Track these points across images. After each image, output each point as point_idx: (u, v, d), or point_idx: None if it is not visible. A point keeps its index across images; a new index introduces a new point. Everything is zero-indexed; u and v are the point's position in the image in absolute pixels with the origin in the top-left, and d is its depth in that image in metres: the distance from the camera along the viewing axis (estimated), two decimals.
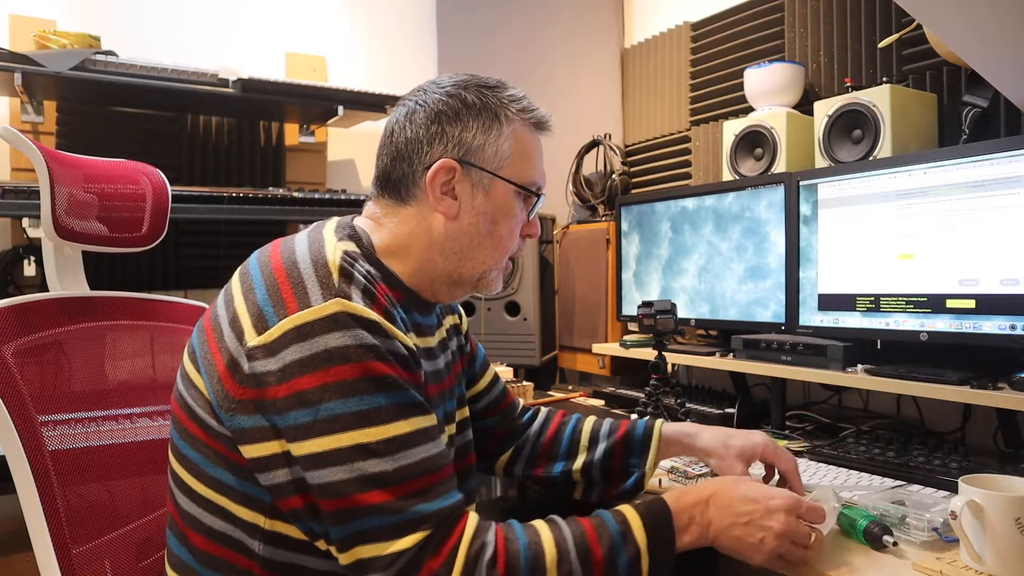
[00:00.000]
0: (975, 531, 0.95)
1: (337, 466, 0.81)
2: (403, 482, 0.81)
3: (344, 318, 0.83)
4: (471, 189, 0.99)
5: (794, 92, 2.00)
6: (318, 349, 0.81)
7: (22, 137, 1.17)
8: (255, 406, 0.84)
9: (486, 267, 1.03)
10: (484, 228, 1.01)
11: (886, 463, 1.38)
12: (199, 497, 0.91)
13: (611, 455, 1.20)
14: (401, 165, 1.00)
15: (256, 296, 0.87)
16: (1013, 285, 1.33)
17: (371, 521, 0.80)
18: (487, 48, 2.59)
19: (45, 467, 1.02)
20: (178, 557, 0.95)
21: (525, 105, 1.03)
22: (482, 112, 0.99)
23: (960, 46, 1.35)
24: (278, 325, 0.83)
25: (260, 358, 0.83)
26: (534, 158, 1.04)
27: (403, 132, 1.00)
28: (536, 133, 1.05)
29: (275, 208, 2.08)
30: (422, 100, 1.00)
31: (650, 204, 2.13)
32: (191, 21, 2.31)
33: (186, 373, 0.94)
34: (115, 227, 1.26)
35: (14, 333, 1.05)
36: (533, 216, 1.07)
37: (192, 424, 0.91)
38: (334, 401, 0.81)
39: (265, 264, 0.91)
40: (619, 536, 0.87)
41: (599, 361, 2.36)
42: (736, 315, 1.87)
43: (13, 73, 1.79)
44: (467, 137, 0.98)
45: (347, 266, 0.88)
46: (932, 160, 1.45)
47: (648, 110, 2.69)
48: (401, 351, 0.87)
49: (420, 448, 0.83)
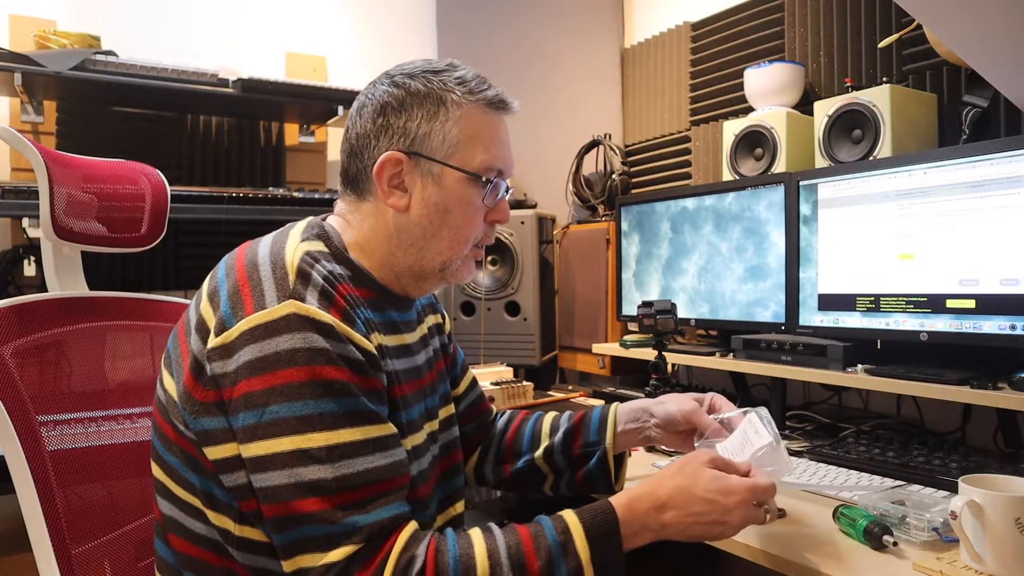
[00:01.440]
0: (975, 531, 0.95)
1: (277, 470, 0.79)
2: (341, 491, 0.79)
3: (296, 320, 0.82)
4: (420, 180, 0.96)
5: (794, 92, 2.00)
6: (268, 352, 0.81)
7: (21, 138, 1.17)
8: (216, 407, 0.84)
9: (445, 257, 1.00)
10: (437, 219, 0.97)
11: (886, 463, 1.38)
12: (178, 500, 0.91)
13: (571, 438, 1.18)
14: (355, 161, 0.98)
15: (219, 298, 0.87)
16: (1013, 285, 1.33)
17: (307, 530, 0.79)
18: (487, 48, 2.59)
19: (44, 467, 1.02)
20: (163, 560, 0.95)
21: (473, 86, 0.98)
22: (426, 99, 0.95)
23: (960, 46, 1.35)
24: (235, 327, 0.83)
25: (218, 359, 0.83)
26: (488, 141, 0.98)
27: (354, 127, 0.98)
28: (492, 114, 0.99)
29: (275, 208, 2.08)
30: (371, 93, 0.98)
31: (650, 204, 2.13)
32: (191, 21, 2.31)
33: (162, 377, 0.94)
34: (114, 227, 1.26)
35: (13, 333, 1.05)
36: (500, 201, 1.02)
37: (168, 427, 0.90)
38: (279, 404, 0.80)
39: (231, 267, 0.90)
40: (558, 548, 0.82)
41: (599, 361, 2.36)
42: (736, 315, 1.87)
43: (13, 73, 1.79)
44: (411, 127, 0.95)
45: (306, 267, 0.87)
46: (932, 160, 1.45)
47: (648, 110, 2.69)
48: (355, 356, 0.85)
49: (364, 458, 0.81)
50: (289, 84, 2.13)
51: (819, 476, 1.37)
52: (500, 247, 2.39)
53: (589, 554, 0.83)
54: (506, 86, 1.02)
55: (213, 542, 0.89)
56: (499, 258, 2.42)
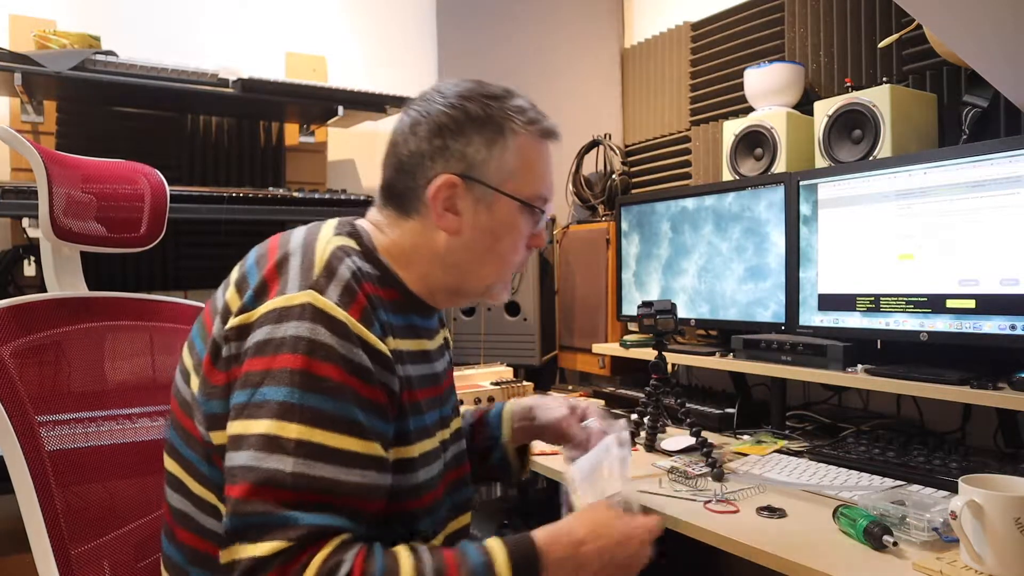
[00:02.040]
0: (975, 531, 0.95)
1: (244, 451, 0.79)
2: (295, 489, 0.77)
3: (310, 310, 0.83)
4: (473, 205, 0.97)
5: (794, 92, 2.00)
6: (276, 335, 0.82)
7: (20, 138, 1.17)
8: (224, 390, 0.85)
9: (490, 281, 1.02)
10: (487, 244, 0.99)
11: (886, 463, 1.38)
12: (193, 495, 0.90)
13: (475, 431, 1.23)
14: (404, 178, 0.97)
15: (247, 284, 0.88)
16: (1013, 285, 1.33)
17: (248, 519, 0.77)
18: (487, 48, 2.59)
19: (43, 468, 1.02)
20: (168, 557, 0.95)
21: (532, 116, 0.99)
22: (486, 125, 0.96)
23: (960, 46, 1.34)
24: (256, 310, 0.84)
25: (234, 340, 0.84)
26: (540, 171, 1.01)
27: (406, 144, 0.97)
28: (543, 143, 1.02)
29: (275, 208, 2.08)
30: (425, 111, 0.97)
31: (650, 204, 2.13)
32: (191, 21, 2.31)
33: (184, 368, 0.94)
34: (113, 227, 1.26)
35: (12, 334, 1.05)
36: (540, 228, 1.04)
37: (187, 420, 0.91)
38: (268, 387, 0.80)
39: (262, 256, 0.92)
40: (482, 569, 0.81)
41: (599, 361, 2.35)
42: (736, 315, 1.87)
43: (13, 73, 1.79)
44: (470, 152, 0.95)
45: (335, 261, 0.88)
46: (932, 160, 1.45)
47: (648, 110, 2.69)
48: (360, 360, 0.84)
49: (330, 467, 0.79)
50: (289, 84, 2.13)
51: (819, 476, 1.37)
52: None
53: None
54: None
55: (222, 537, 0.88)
56: None
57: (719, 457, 1.43)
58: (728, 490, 1.31)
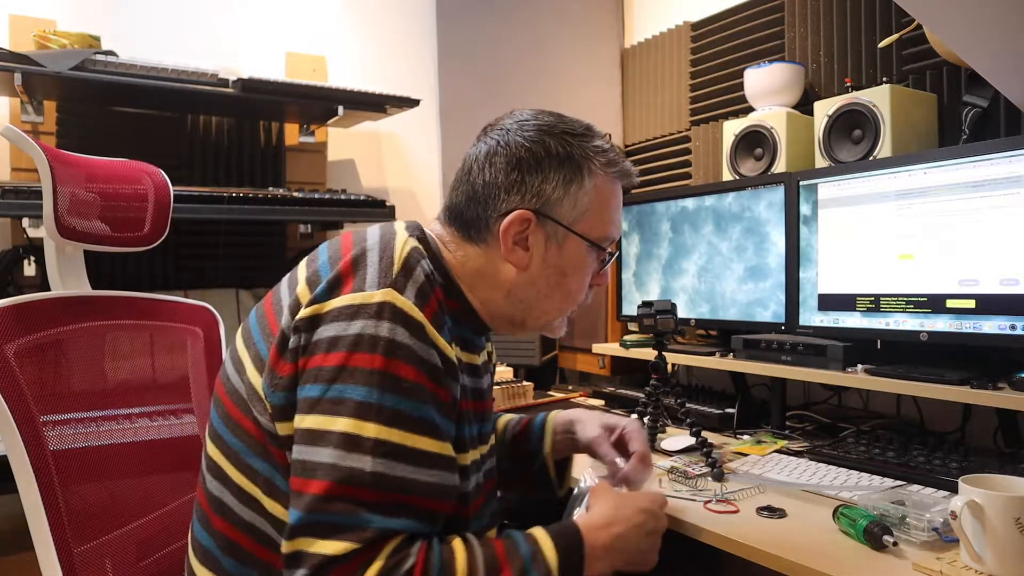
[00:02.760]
0: (975, 531, 0.95)
1: (323, 447, 0.79)
2: (371, 488, 0.79)
3: (389, 309, 0.83)
4: (544, 241, 0.97)
5: (794, 92, 2.01)
6: (352, 332, 0.81)
7: (25, 136, 1.17)
8: (291, 380, 0.84)
9: (551, 317, 1.03)
10: (553, 281, 0.99)
11: (886, 463, 1.38)
12: (233, 485, 0.90)
13: (517, 443, 1.23)
14: (475, 207, 0.97)
15: (320, 279, 0.88)
16: (1013, 285, 1.33)
17: (320, 516, 0.78)
18: (487, 48, 2.59)
19: (47, 466, 1.02)
20: (199, 543, 0.94)
21: (611, 158, 0.99)
22: (565, 163, 0.96)
23: (960, 46, 1.35)
24: (329, 302, 0.84)
25: (304, 331, 0.84)
26: (612, 212, 1.01)
27: (481, 173, 0.97)
28: (618, 185, 1.02)
29: (275, 208, 2.08)
30: (504, 141, 0.97)
31: (650, 204, 2.13)
32: (191, 21, 2.31)
33: (239, 356, 0.93)
34: (117, 226, 1.26)
35: (16, 332, 1.05)
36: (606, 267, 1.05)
37: (237, 411, 0.90)
38: (345, 384, 0.80)
39: (335, 250, 0.91)
40: (529, 557, 0.85)
41: (599, 361, 2.36)
42: (736, 315, 1.87)
43: (13, 73, 1.78)
44: (547, 188, 0.95)
45: (412, 261, 0.88)
46: (932, 160, 1.45)
47: (648, 110, 2.69)
48: (435, 362, 0.85)
49: (406, 466, 0.81)
50: (289, 84, 2.13)
51: (819, 476, 1.37)
52: None
53: (557, 562, 0.86)
54: (506, 86, 1.02)
55: (263, 534, 0.88)
56: None
57: (719, 457, 1.43)
58: (728, 490, 1.31)
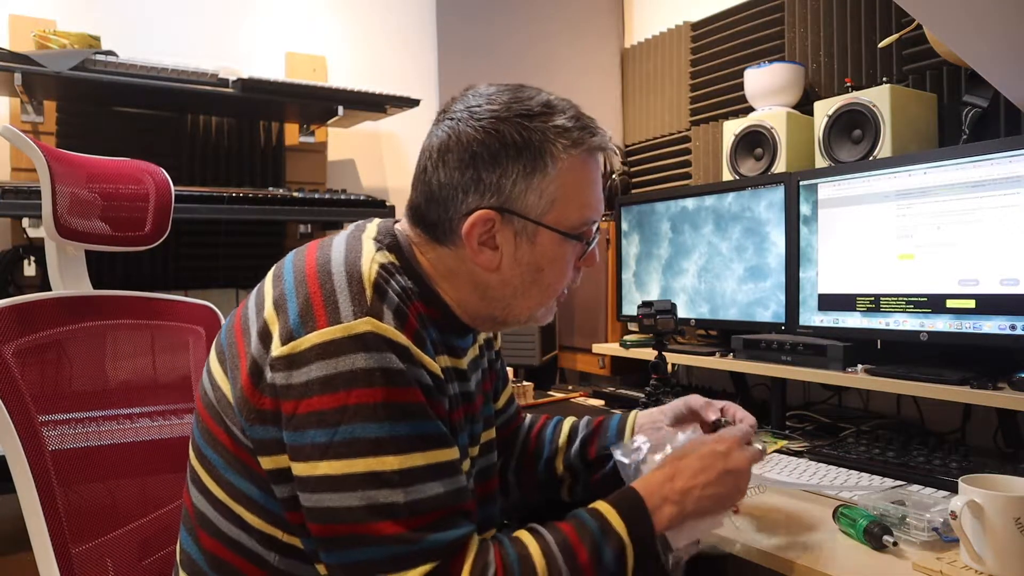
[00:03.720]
0: (975, 531, 0.95)
1: (348, 492, 0.77)
2: (413, 516, 0.78)
3: (374, 339, 0.79)
4: (513, 239, 0.90)
5: (794, 92, 2.00)
6: (343, 369, 0.78)
7: (23, 136, 1.17)
8: (271, 417, 0.81)
9: (533, 311, 0.97)
10: (529, 278, 0.93)
11: (886, 463, 1.38)
12: (215, 499, 0.88)
13: (588, 442, 1.19)
14: (436, 208, 0.91)
15: (287, 304, 0.83)
16: (1013, 285, 1.33)
17: (374, 552, 0.77)
18: (487, 48, 2.59)
19: (45, 467, 1.02)
20: (187, 555, 0.93)
21: (577, 136, 0.90)
22: (523, 152, 0.87)
23: (960, 46, 1.35)
24: (305, 338, 0.79)
25: (282, 369, 0.80)
26: (587, 194, 0.93)
27: (436, 173, 0.90)
28: (590, 160, 0.93)
29: (275, 208, 2.07)
30: (456, 133, 0.89)
31: (650, 204, 2.13)
32: (191, 21, 2.31)
33: (211, 372, 0.90)
34: (118, 226, 1.26)
35: (15, 333, 1.05)
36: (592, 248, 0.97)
37: (214, 425, 0.88)
38: (353, 424, 0.77)
39: (299, 270, 0.86)
40: (599, 532, 0.85)
41: (599, 361, 2.35)
42: (736, 315, 1.87)
43: (13, 73, 1.78)
44: (506, 184, 0.88)
45: (382, 282, 0.83)
46: (932, 160, 1.45)
47: (648, 110, 2.69)
48: (426, 380, 0.83)
49: (434, 483, 0.80)
50: (289, 84, 2.13)
51: (819, 476, 1.37)
52: None
53: (627, 531, 0.86)
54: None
55: (248, 549, 0.87)
56: None
57: None
58: None
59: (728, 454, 0.95)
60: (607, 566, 0.84)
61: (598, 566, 0.84)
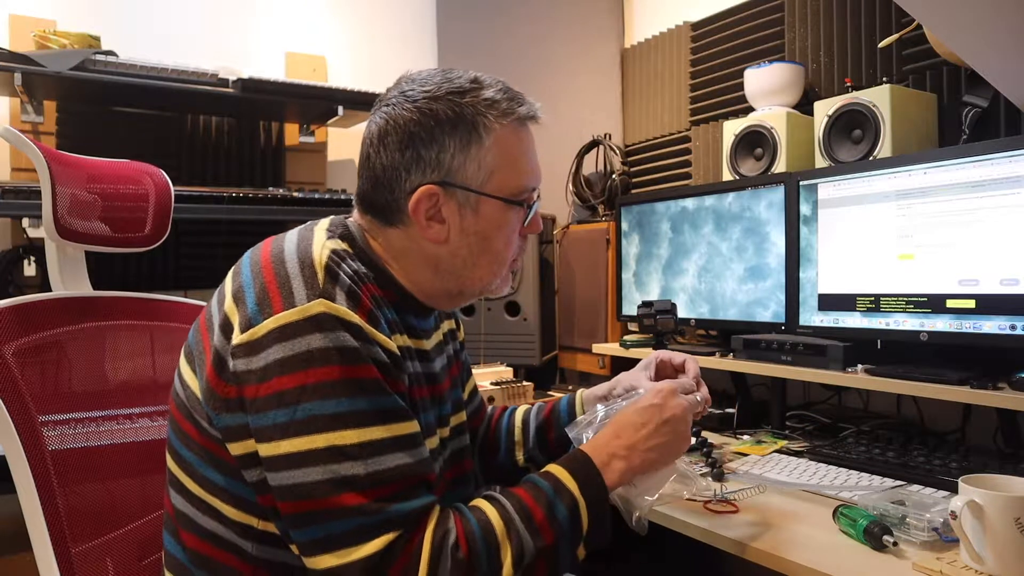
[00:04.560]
0: (975, 531, 0.95)
1: (310, 467, 0.80)
2: (375, 487, 0.80)
3: (327, 319, 0.82)
4: (458, 210, 0.94)
5: (794, 92, 2.00)
6: (300, 350, 0.81)
7: (23, 138, 1.17)
8: (237, 404, 0.84)
9: (487, 281, 1.01)
10: (477, 247, 0.97)
11: (886, 463, 1.38)
12: (193, 497, 0.91)
13: (544, 432, 1.22)
14: (382, 192, 0.95)
15: (245, 294, 0.86)
16: (1013, 285, 1.33)
17: (339, 524, 0.80)
18: (487, 48, 2.59)
19: (45, 467, 1.02)
20: (172, 556, 0.95)
21: (506, 107, 0.95)
22: (458, 126, 0.92)
23: (960, 46, 1.35)
24: (262, 324, 0.83)
25: (242, 356, 0.83)
26: (523, 162, 0.98)
27: (379, 157, 0.95)
28: (522, 130, 0.98)
29: (275, 208, 2.07)
30: (392, 117, 0.94)
31: (650, 204, 2.13)
32: (191, 21, 2.31)
33: (181, 372, 0.93)
34: (118, 227, 1.26)
35: (16, 333, 1.05)
36: (533, 216, 1.02)
37: (186, 423, 0.90)
38: (312, 402, 0.80)
39: (255, 262, 0.90)
40: (552, 492, 0.89)
41: (599, 361, 2.36)
42: (736, 315, 1.87)
43: (13, 73, 1.78)
44: (445, 158, 0.92)
45: (333, 265, 0.87)
46: (932, 160, 1.45)
47: (648, 110, 2.69)
48: (382, 357, 0.85)
49: (394, 455, 0.83)
50: (289, 84, 2.13)
51: (819, 476, 1.37)
52: None
53: (579, 489, 0.90)
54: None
55: (227, 541, 0.89)
56: None
57: (719, 457, 1.43)
58: (728, 490, 1.31)
59: (664, 405, 0.99)
60: (562, 523, 0.88)
61: (553, 523, 0.87)
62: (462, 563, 0.80)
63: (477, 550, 0.82)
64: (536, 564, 0.85)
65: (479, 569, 0.82)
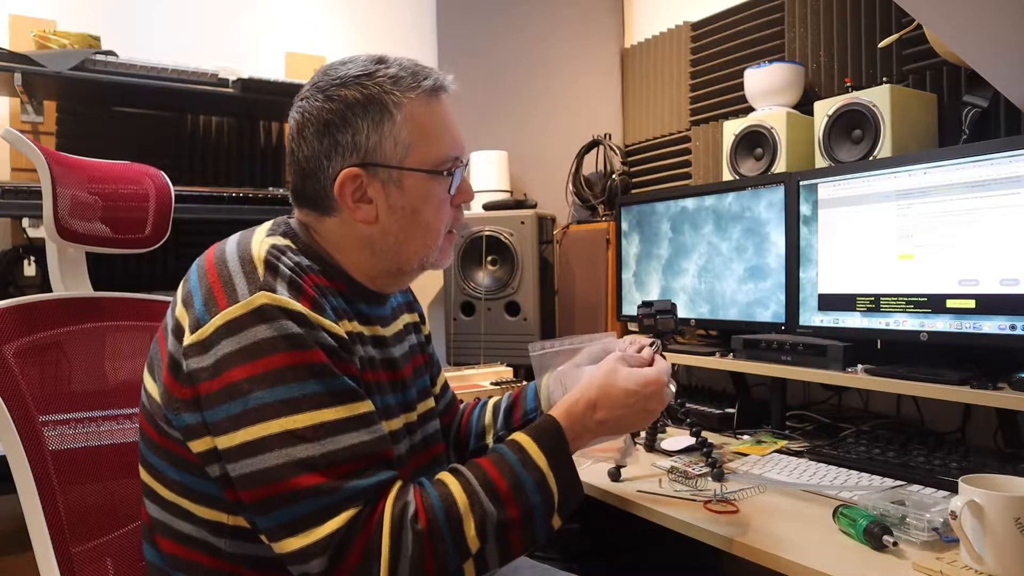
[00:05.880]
0: (975, 531, 0.95)
1: (267, 453, 0.81)
2: (332, 466, 0.82)
3: (270, 310, 0.84)
4: (383, 188, 0.96)
5: (794, 92, 2.00)
6: (247, 342, 0.83)
7: (24, 139, 1.17)
8: (193, 403, 0.86)
9: (422, 254, 1.02)
10: (407, 222, 0.98)
11: (886, 463, 1.38)
12: (165, 502, 0.92)
13: (511, 412, 1.23)
14: (310, 183, 0.98)
15: (193, 298, 0.89)
16: (1013, 285, 1.33)
17: (298, 508, 0.81)
18: (487, 48, 2.59)
19: (45, 467, 1.02)
20: (153, 564, 0.97)
21: (409, 82, 0.96)
22: (368, 107, 0.94)
23: (960, 46, 1.35)
24: (210, 322, 0.85)
25: (195, 355, 0.85)
26: (438, 132, 0.99)
27: (300, 150, 0.97)
28: (435, 102, 0.99)
29: (275, 208, 2.07)
30: (306, 109, 0.96)
31: (650, 204, 2.13)
32: (191, 21, 2.31)
33: (144, 383, 0.95)
34: (118, 228, 1.26)
35: (16, 333, 1.05)
36: (458, 185, 1.02)
37: (151, 429, 0.92)
38: (263, 391, 0.82)
39: (200, 267, 0.92)
40: (519, 464, 0.90)
41: None
42: (736, 315, 1.87)
43: (13, 73, 1.79)
44: (360, 140, 0.94)
45: (272, 259, 0.89)
46: (932, 160, 1.45)
47: (648, 110, 2.69)
48: (328, 342, 0.87)
49: (349, 434, 0.84)
50: (289, 84, 2.13)
51: (819, 476, 1.37)
52: (500, 247, 2.38)
53: (547, 462, 0.91)
54: (506, 86, 1.01)
55: (201, 542, 0.90)
56: (499, 258, 2.42)
57: (719, 457, 1.43)
58: (728, 490, 1.31)
59: (651, 396, 1.00)
60: (529, 495, 0.89)
61: (519, 495, 0.88)
62: (421, 534, 0.82)
63: (437, 521, 0.84)
64: (508, 535, 0.87)
65: (442, 539, 0.83)
